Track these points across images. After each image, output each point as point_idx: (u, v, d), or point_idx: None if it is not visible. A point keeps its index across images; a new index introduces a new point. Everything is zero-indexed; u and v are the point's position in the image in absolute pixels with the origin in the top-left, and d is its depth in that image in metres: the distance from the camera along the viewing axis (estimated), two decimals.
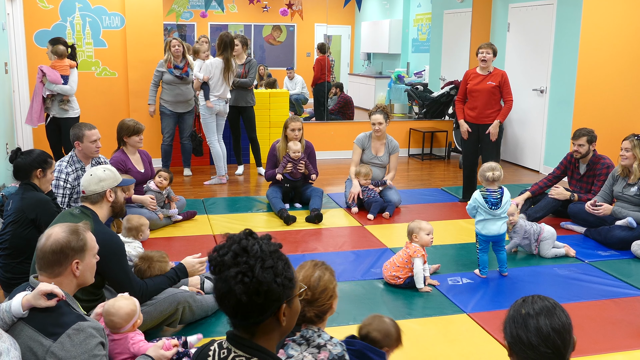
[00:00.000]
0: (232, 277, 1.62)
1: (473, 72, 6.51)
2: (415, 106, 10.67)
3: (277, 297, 1.65)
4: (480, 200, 4.44)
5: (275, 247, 1.70)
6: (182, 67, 7.43)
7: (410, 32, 12.89)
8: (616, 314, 3.98)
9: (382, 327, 2.75)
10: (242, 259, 1.63)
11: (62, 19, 7.88)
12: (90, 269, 2.54)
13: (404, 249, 4.37)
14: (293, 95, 11.27)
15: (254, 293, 1.61)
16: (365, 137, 6.61)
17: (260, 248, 1.66)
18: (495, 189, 4.46)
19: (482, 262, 4.56)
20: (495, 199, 4.43)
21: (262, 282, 1.61)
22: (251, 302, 1.62)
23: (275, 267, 1.64)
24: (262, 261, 1.63)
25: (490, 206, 4.42)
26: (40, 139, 7.87)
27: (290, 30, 13.99)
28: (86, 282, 2.56)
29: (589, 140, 5.72)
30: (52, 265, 2.41)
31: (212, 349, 1.77)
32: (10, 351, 2.14)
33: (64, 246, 2.42)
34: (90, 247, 2.53)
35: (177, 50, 7.38)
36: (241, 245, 1.66)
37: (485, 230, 4.46)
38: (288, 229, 5.67)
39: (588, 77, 7.49)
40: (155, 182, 5.65)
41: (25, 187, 4.02)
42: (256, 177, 7.98)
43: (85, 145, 4.96)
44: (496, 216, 4.44)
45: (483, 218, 4.47)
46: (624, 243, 5.14)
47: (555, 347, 1.83)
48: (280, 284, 1.64)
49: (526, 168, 8.90)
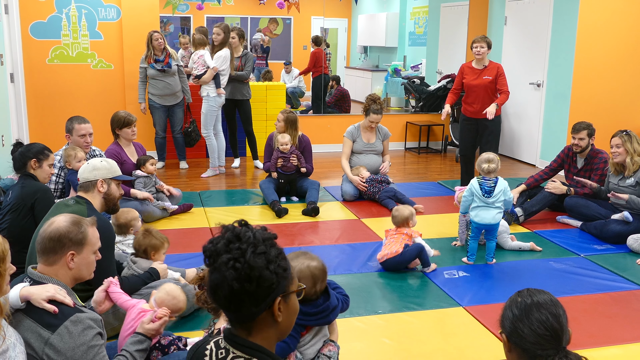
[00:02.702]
0: (224, 263, 1.59)
1: (468, 66, 6.51)
2: (412, 100, 10.66)
3: (269, 285, 1.60)
4: (476, 187, 4.58)
5: (269, 235, 1.67)
6: (162, 60, 7.39)
7: (407, 25, 12.86)
8: (612, 308, 3.99)
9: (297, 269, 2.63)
10: (235, 245, 1.60)
11: (57, 11, 7.84)
12: (87, 265, 2.52)
13: (399, 234, 4.52)
14: (289, 88, 11.25)
15: (246, 279, 1.57)
16: (354, 128, 6.63)
17: (253, 235, 1.63)
18: (490, 179, 4.59)
19: (470, 249, 4.68)
20: (489, 187, 4.55)
21: (254, 267, 1.58)
22: (243, 289, 1.58)
23: (267, 253, 1.61)
24: (254, 247, 1.60)
25: (483, 193, 4.53)
26: (35, 131, 7.86)
27: (287, 23, 13.95)
28: (82, 278, 2.54)
29: (589, 133, 5.72)
30: (48, 252, 2.42)
31: (208, 348, 1.71)
32: (17, 346, 2.14)
33: (62, 235, 2.43)
34: (90, 242, 2.52)
35: (160, 43, 7.33)
36: (234, 232, 1.64)
37: (478, 218, 4.57)
38: (284, 222, 5.67)
39: (585, 71, 7.48)
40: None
41: (25, 178, 4.09)
42: (252, 170, 7.97)
43: (74, 138, 5.04)
44: (489, 204, 4.55)
45: (477, 205, 4.59)
46: (619, 237, 5.14)
47: (553, 330, 1.89)
48: (273, 271, 1.60)
49: (522, 162, 8.90)
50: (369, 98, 6.52)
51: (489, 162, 4.60)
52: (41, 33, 7.84)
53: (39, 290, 2.28)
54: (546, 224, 5.74)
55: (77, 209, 3.26)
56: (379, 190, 6.28)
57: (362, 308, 3.90)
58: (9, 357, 2.07)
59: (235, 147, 8.14)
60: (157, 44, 7.34)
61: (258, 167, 7.94)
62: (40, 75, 7.92)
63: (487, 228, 4.61)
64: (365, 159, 6.56)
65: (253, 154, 8.10)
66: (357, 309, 3.87)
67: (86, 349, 2.26)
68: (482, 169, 4.62)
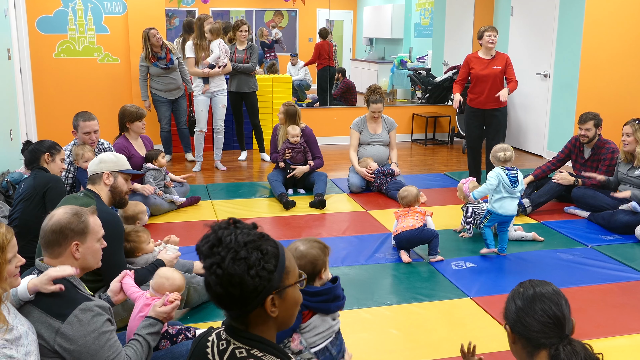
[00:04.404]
0: (208, 267, 1.60)
1: (475, 56, 6.47)
2: (418, 91, 10.63)
3: (253, 289, 1.59)
4: (504, 177, 4.47)
5: (253, 237, 1.63)
6: (164, 57, 7.33)
7: (413, 17, 12.81)
8: (619, 298, 3.99)
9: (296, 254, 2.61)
10: (217, 249, 1.60)
11: (64, 5, 7.85)
12: (92, 253, 2.55)
13: (412, 212, 4.63)
14: (295, 80, 11.24)
15: (228, 284, 1.58)
16: (360, 120, 6.64)
17: (235, 239, 1.61)
18: (512, 168, 4.53)
19: (488, 238, 4.61)
20: (515, 176, 4.50)
21: (233, 275, 1.57)
22: (228, 293, 1.59)
23: (247, 259, 1.58)
24: (234, 252, 1.58)
25: (511, 183, 4.47)
26: (43, 125, 7.89)
27: (292, 15, 13.92)
28: (89, 267, 2.57)
29: (596, 124, 5.70)
30: (52, 245, 2.45)
31: (210, 339, 1.72)
32: (29, 335, 2.17)
33: (63, 227, 2.45)
34: (93, 231, 2.54)
35: (158, 39, 7.24)
36: (217, 235, 1.63)
37: (502, 210, 4.51)
38: (291, 214, 5.68)
39: (592, 61, 7.45)
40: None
41: (37, 170, 4.15)
42: (259, 163, 7.98)
43: (79, 135, 5.06)
44: (513, 194, 4.51)
45: (502, 196, 4.51)
46: (627, 227, 5.13)
47: (556, 317, 1.91)
48: (255, 276, 1.58)
49: (529, 153, 8.88)
50: (368, 89, 6.59)
51: (504, 150, 4.55)
52: (48, 27, 7.86)
53: (41, 279, 2.31)
54: (554, 214, 5.73)
55: (85, 201, 3.29)
56: (386, 182, 6.28)
57: (370, 299, 3.91)
58: (22, 344, 2.10)
59: (242, 140, 8.16)
60: (156, 40, 7.23)
61: (265, 160, 7.95)
62: (47, 69, 7.95)
63: (507, 219, 4.58)
64: (372, 150, 6.57)
65: (260, 146, 8.11)
66: (365, 300, 3.89)
67: (97, 335, 2.29)
68: (498, 158, 4.55)
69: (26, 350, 2.11)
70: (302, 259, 2.54)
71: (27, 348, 2.12)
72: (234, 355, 1.64)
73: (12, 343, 2.06)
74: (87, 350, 2.26)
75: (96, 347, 2.28)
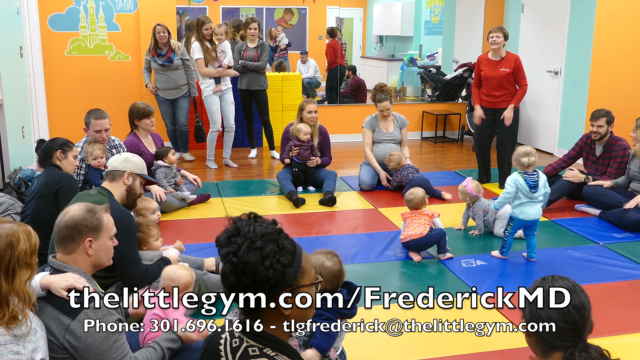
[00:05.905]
0: (224, 256, 1.63)
1: (485, 57, 6.38)
2: (428, 89, 10.61)
3: (266, 280, 1.60)
4: (521, 182, 4.37)
5: (270, 230, 1.66)
6: (164, 54, 7.29)
7: (423, 14, 12.77)
8: (631, 296, 3.97)
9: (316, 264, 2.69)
10: (235, 239, 1.63)
11: (75, 3, 7.90)
12: (105, 250, 2.56)
13: (419, 215, 4.61)
14: (305, 78, 11.25)
15: (242, 273, 1.60)
16: (372, 119, 6.65)
17: (253, 230, 1.64)
18: (532, 172, 4.42)
19: (509, 245, 4.53)
20: (534, 181, 4.38)
21: (247, 263, 1.59)
22: (240, 282, 1.61)
23: (263, 249, 1.61)
24: (250, 242, 1.61)
25: (529, 189, 4.36)
26: (54, 123, 7.94)
27: (302, 13, 13.92)
28: (102, 264, 2.58)
29: (608, 121, 5.67)
30: (66, 240, 2.46)
31: (223, 337, 1.73)
32: (37, 331, 2.18)
33: (78, 223, 2.47)
34: (106, 228, 2.56)
35: (162, 37, 7.22)
36: (237, 226, 1.66)
37: (523, 215, 4.39)
38: (301, 212, 5.69)
39: (603, 58, 7.41)
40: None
41: (50, 168, 4.20)
42: (269, 160, 7.99)
43: (90, 133, 5.10)
44: (534, 199, 4.39)
45: (521, 202, 4.40)
46: (639, 225, 5.11)
47: (574, 323, 1.83)
48: (269, 267, 1.60)
49: (540, 150, 8.83)
50: (374, 88, 6.61)
51: (528, 155, 4.41)
52: (59, 25, 7.91)
53: (58, 279, 2.32)
54: (564, 212, 5.71)
55: (98, 199, 3.32)
56: (411, 174, 6.22)
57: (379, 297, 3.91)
58: (30, 340, 2.12)
59: (252, 138, 8.17)
60: (159, 37, 7.22)
61: (275, 158, 7.96)
62: (59, 67, 8.00)
63: (531, 224, 4.45)
64: (385, 148, 6.55)
65: (270, 144, 8.13)
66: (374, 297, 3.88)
67: (106, 335, 2.30)
68: (521, 163, 4.41)
69: (34, 346, 2.13)
70: (330, 274, 2.67)
71: (34, 344, 2.13)
72: (247, 353, 1.65)
73: (19, 339, 2.08)
74: (95, 349, 2.27)
75: (104, 347, 2.29)
